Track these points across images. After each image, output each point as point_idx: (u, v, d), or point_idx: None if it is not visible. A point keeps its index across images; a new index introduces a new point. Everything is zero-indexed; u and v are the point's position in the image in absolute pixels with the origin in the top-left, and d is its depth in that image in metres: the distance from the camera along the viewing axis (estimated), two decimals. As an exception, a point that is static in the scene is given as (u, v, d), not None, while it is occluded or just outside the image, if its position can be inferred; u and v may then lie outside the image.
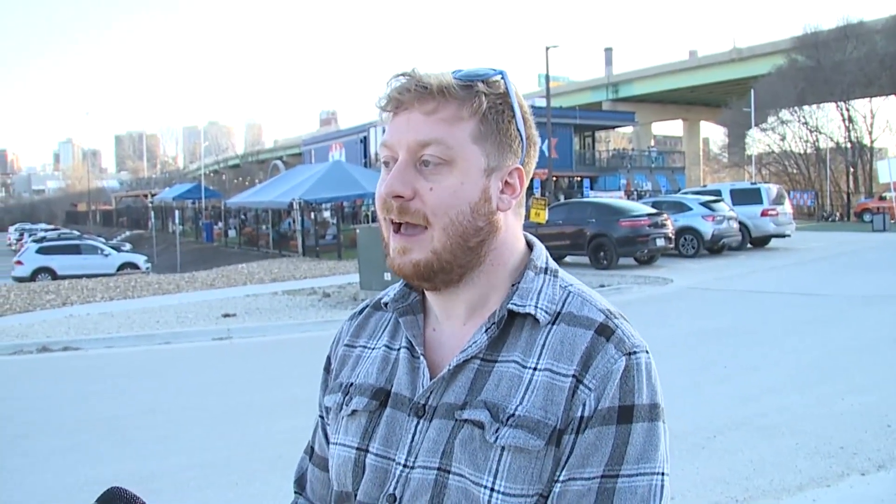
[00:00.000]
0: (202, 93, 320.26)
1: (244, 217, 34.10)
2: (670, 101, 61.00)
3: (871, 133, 44.41)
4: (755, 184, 23.50)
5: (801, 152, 45.66)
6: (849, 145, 44.17)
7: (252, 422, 6.04)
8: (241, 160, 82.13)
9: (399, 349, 1.03)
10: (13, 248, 43.12)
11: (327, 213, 29.38)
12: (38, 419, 6.38)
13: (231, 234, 35.65)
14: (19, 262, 24.48)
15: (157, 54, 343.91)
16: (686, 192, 24.83)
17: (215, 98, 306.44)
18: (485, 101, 0.95)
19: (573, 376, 0.90)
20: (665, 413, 0.93)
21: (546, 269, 1.01)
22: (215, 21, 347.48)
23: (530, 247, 1.04)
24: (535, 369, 0.92)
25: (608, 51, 71.21)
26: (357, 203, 31.56)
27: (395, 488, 0.95)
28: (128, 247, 32.74)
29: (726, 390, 6.43)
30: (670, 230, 16.78)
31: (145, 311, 12.62)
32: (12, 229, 57.24)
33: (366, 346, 1.09)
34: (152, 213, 46.85)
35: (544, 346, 0.93)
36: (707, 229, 18.32)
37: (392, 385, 1.01)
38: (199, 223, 40.18)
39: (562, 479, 0.89)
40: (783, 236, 20.76)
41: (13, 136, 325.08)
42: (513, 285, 0.99)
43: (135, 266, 25.13)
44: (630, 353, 0.91)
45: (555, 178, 35.80)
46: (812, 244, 20.98)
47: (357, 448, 1.00)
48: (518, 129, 0.98)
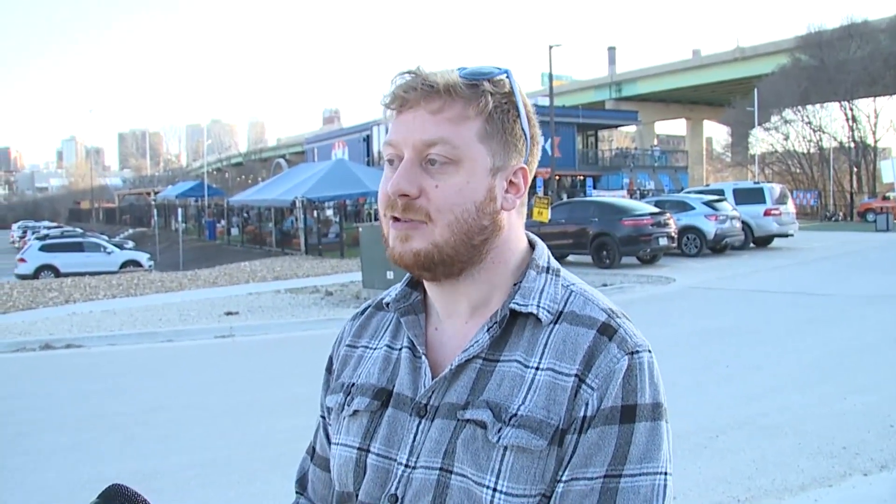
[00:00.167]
0: (205, 91, 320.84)
1: (247, 215, 34.12)
2: (673, 100, 60.93)
3: (874, 133, 44.37)
4: (758, 183, 23.45)
5: (805, 152, 45.61)
6: (852, 145, 44.09)
7: (254, 420, 6.04)
8: (244, 158, 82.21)
9: (401, 349, 1.03)
10: (16, 245, 43.24)
11: (330, 212, 29.37)
12: (41, 417, 6.39)
13: (234, 232, 35.73)
14: (22, 260, 24.49)
15: (161, 52, 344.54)
16: (689, 192, 24.80)
17: (218, 96, 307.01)
18: (491, 100, 0.94)
19: (576, 376, 0.90)
20: (668, 413, 0.92)
21: (548, 269, 1.00)
22: (219, 19, 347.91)
23: (532, 246, 1.03)
24: (537, 369, 0.92)
25: (611, 50, 71.19)
26: (360, 201, 31.62)
27: (396, 488, 0.94)
28: (131, 245, 32.76)
29: (729, 390, 6.42)
30: (673, 229, 16.76)
31: (148, 308, 12.64)
32: (16, 227, 57.42)
33: (367, 347, 1.09)
34: (155, 211, 47.02)
35: (546, 345, 0.93)
36: (710, 229, 18.29)
37: (394, 385, 1.01)
38: (202, 221, 40.29)
39: (564, 479, 0.88)
40: (786, 236, 20.73)
41: (17, 133, 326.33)
42: (514, 284, 0.98)
43: (138, 264, 25.16)
44: (633, 353, 0.91)
45: (557, 177, 35.79)
46: (815, 244, 20.94)
47: (358, 448, 0.99)
48: (523, 129, 0.98)
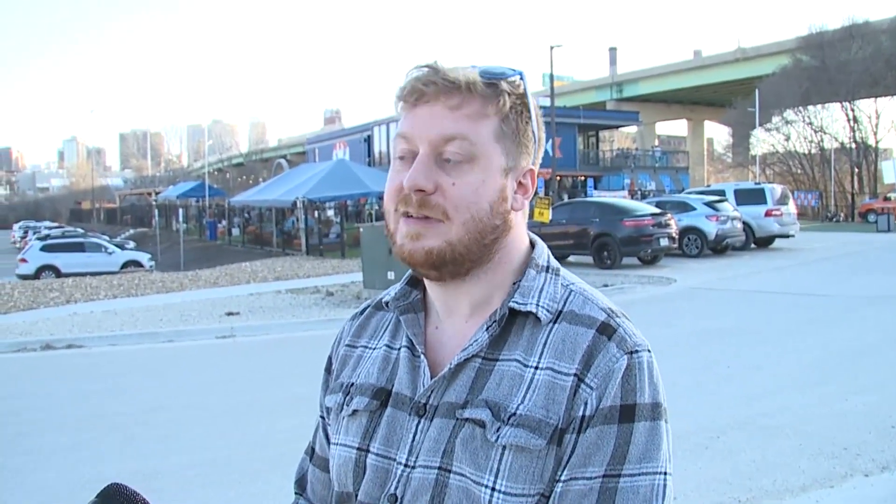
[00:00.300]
0: (206, 91, 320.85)
1: (248, 215, 34.14)
2: (674, 100, 60.88)
3: (875, 133, 44.38)
4: (759, 184, 23.43)
5: (806, 152, 45.60)
6: (853, 145, 44.08)
7: (254, 420, 6.04)
8: (244, 158, 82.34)
9: (400, 348, 1.03)
10: (17, 245, 43.26)
11: (331, 212, 29.38)
12: (41, 417, 6.40)
13: (235, 232, 35.74)
14: (23, 260, 24.50)
15: (162, 52, 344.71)
16: (690, 192, 24.82)
17: (219, 96, 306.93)
18: (508, 100, 0.95)
19: (575, 375, 0.90)
20: (667, 413, 0.92)
21: (547, 268, 1.00)
22: (220, 19, 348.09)
23: (532, 245, 1.03)
24: (536, 368, 0.92)
25: (612, 50, 71.15)
26: (361, 202, 31.63)
27: (396, 488, 0.94)
28: (132, 245, 32.78)
29: (729, 390, 6.42)
30: (674, 230, 16.76)
31: (149, 309, 12.65)
32: (17, 227, 57.50)
33: (367, 347, 1.08)
34: (156, 212, 47.03)
35: (546, 344, 0.93)
36: (711, 229, 18.29)
37: (393, 385, 1.00)
38: (203, 221, 40.32)
39: (563, 478, 0.88)
40: (787, 236, 20.72)
41: (18, 133, 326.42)
42: (514, 283, 0.98)
43: (138, 264, 25.17)
44: (632, 352, 0.91)
45: (558, 178, 35.78)
46: (816, 244, 20.94)
47: (358, 448, 0.99)
48: (533, 131, 0.98)
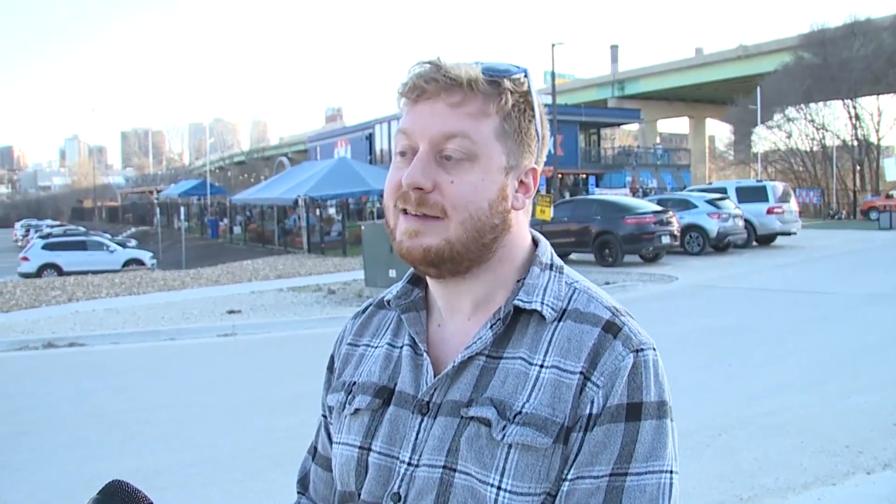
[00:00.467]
0: (208, 89, 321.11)
1: (249, 213, 34.19)
2: (676, 98, 60.79)
3: (877, 131, 44.34)
4: (761, 181, 23.39)
5: (808, 150, 45.57)
6: (855, 143, 44.05)
7: (255, 418, 6.05)
8: (246, 157, 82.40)
9: (402, 346, 1.02)
10: (19, 244, 43.29)
11: (332, 210, 29.40)
12: (43, 415, 6.40)
13: (236, 230, 35.78)
14: (25, 259, 24.52)
15: (163, 51, 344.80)
16: (692, 190, 24.78)
17: (221, 95, 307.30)
18: (510, 98, 0.94)
19: (581, 373, 0.89)
20: (672, 411, 0.92)
21: (551, 266, 1.00)
22: (221, 17, 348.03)
23: (535, 243, 1.03)
24: (541, 366, 0.91)
25: (614, 48, 71.25)
26: (362, 200, 31.62)
27: (399, 487, 0.93)
28: (133, 243, 32.80)
29: (731, 388, 6.42)
30: (676, 228, 16.73)
31: (150, 307, 12.65)
32: (18, 225, 57.52)
33: (369, 345, 1.08)
34: (158, 210, 47.05)
35: (551, 342, 0.92)
36: (713, 227, 18.27)
37: (395, 383, 1.00)
38: (205, 220, 40.39)
39: (570, 477, 0.88)
40: (789, 234, 20.69)
41: (19, 132, 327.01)
42: (518, 281, 0.97)
43: (140, 262, 25.18)
44: (638, 350, 0.90)
45: (560, 176, 35.77)
46: (818, 242, 20.92)
47: (360, 447, 0.99)
48: (536, 130, 0.97)
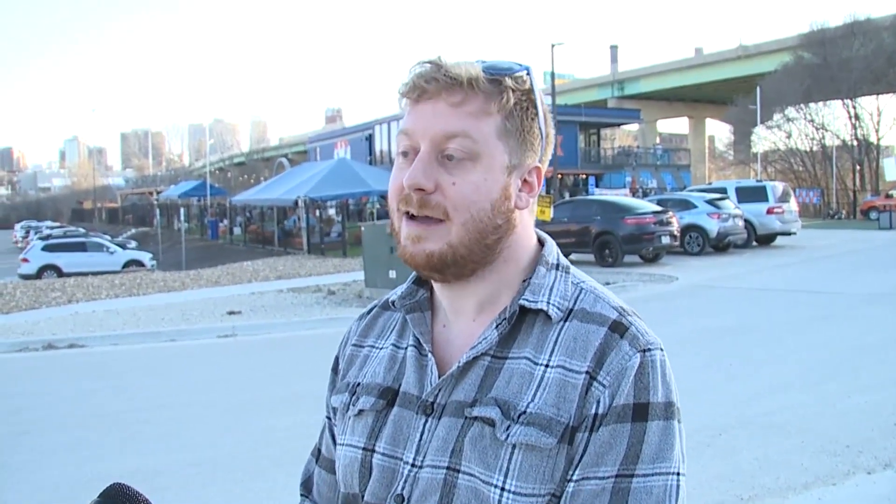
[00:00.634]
0: (207, 90, 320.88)
1: (249, 214, 34.19)
2: (676, 98, 60.80)
3: (877, 130, 44.37)
4: (761, 181, 23.39)
5: (807, 150, 45.59)
6: (855, 143, 44.06)
7: (255, 419, 6.04)
8: (246, 158, 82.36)
9: (407, 347, 1.01)
10: (19, 245, 43.29)
11: (332, 211, 29.41)
12: (43, 416, 6.40)
13: (236, 231, 35.82)
14: (25, 260, 24.51)
15: (163, 52, 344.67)
16: (691, 190, 24.79)
17: (221, 96, 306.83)
18: (512, 97, 0.93)
19: (587, 373, 0.89)
20: (680, 412, 0.91)
21: (557, 266, 0.99)
22: (221, 18, 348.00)
23: (541, 243, 1.02)
24: (547, 366, 0.91)
25: (614, 48, 71.30)
26: (362, 200, 31.61)
27: (403, 488, 0.93)
28: (133, 244, 32.82)
29: (731, 388, 6.42)
30: (676, 228, 16.73)
31: (150, 308, 12.65)
32: (18, 227, 57.51)
33: (374, 346, 1.07)
34: (158, 211, 47.06)
35: (557, 342, 0.92)
36: (712, 227, 18.27)
37: (400, 384, 0.99)
38: (205, 221, 40.40)
39: (575, 478, 0.87)
40: (789, 234, 20.70)
41: (19, 133, 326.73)
42: (524, 281, 0.97)
43: (140, 263, 25.18)
44: (645, 350, 0.90)
45: (560, 176, 35.78)
46: (818, 242, 20.92)
47: (363, 448, 0.98)
48: (540, 128, 0.96)
